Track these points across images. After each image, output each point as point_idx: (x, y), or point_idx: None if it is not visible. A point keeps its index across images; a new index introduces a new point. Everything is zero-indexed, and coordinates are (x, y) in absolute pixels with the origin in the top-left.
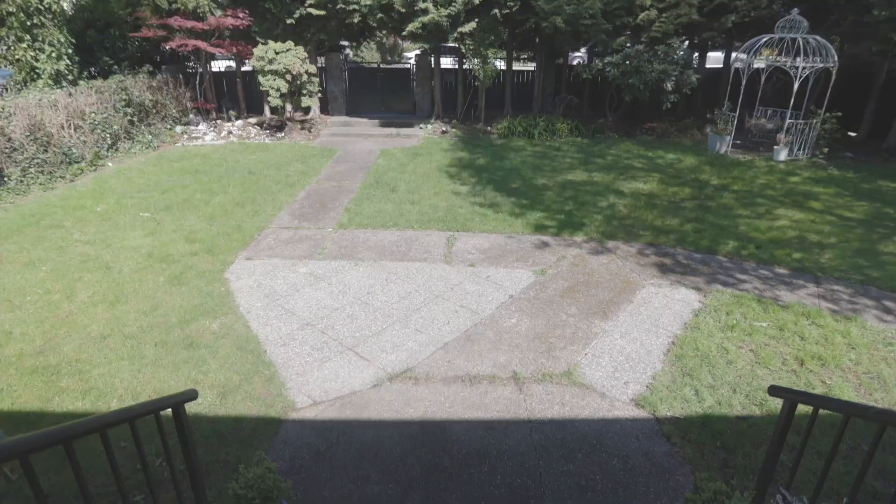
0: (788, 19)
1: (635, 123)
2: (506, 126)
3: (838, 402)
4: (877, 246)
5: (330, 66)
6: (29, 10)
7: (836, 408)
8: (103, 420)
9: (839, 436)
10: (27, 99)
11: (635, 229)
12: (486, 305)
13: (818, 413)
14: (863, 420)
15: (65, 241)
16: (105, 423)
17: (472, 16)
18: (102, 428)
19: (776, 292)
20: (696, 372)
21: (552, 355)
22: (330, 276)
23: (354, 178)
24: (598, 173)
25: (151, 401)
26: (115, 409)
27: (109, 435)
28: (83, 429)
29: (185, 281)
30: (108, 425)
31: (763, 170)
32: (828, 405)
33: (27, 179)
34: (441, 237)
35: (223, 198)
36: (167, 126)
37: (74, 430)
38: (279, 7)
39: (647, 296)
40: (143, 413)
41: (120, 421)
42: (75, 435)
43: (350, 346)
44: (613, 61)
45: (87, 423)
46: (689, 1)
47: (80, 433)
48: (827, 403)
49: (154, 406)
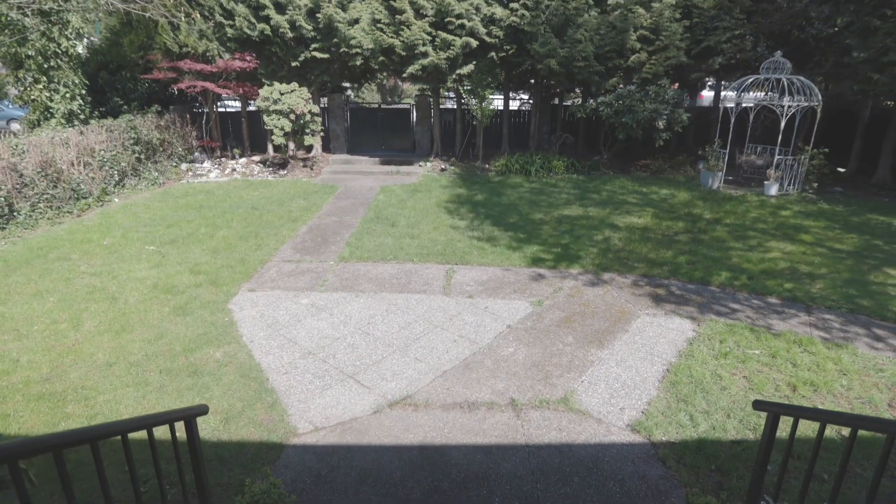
0: (772, 61)
1: (630, 161)
2: (503, 163)
3: (815, 410)
4: (867, 276)
5: (332, 106)
6: (47, 53)
7: (812, 416)
8: (115, 427)
9: (818, 441)
10: (40, 136)
11: (630, 261)
12: (485, 335)
13: (799, 422)
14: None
15: (72, 273)
16: (122, 429)
17: (469, 58)
18: (94, 439)
19: (768, 321)
20: (691, 398)
21: (549, 382)
22: (331, 307)
23: (355, 213)
24: (594, 208)
25: (165, 412)
26: (132, 417)
27: (108, 446)
28: (75, 438)
29: (190, 311)
30: (125, 431)
31: (754, 204)
32: (806, 414)
33: (36, 214)
34: (440, 270)
35: (227, 232)
36: (173, 163)
37: (65, 438)
38: (285, 51)
39: (642, 325)
40: (158, 422)
41: (135, 428)
42: (65, 443)
43: (351, 373)
44: (607, 101)
45: (79, 433)
46: (677, 44)
47: (72, 442)
48: (805, 413)
49: (168, 417)
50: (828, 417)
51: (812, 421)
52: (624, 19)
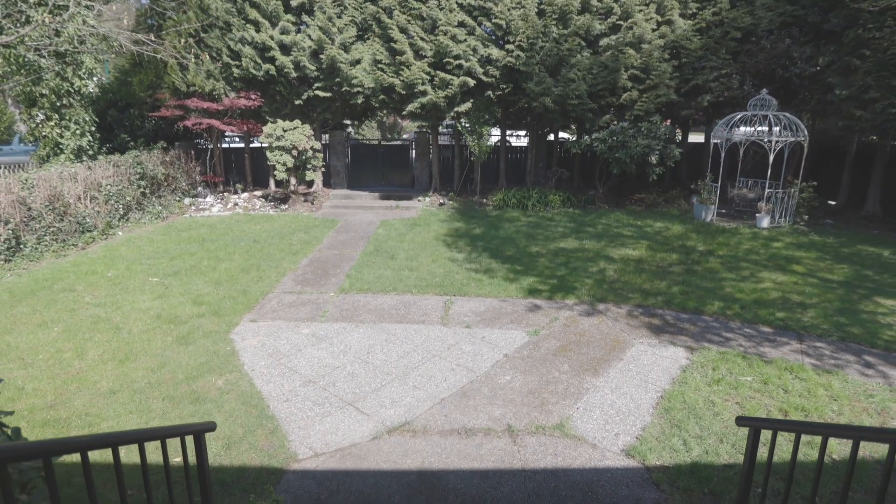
0: (759, 98)
1: (624, 195)
2: (500, 198)
3: (792, 422)
4: (857, 305)
5: (333, 143)
6: (60, 92)
7: (789, 428)
8: (131, 436)
9: (794, 452)
10: (49, 171)
11: (625, 292)
12: (482, 364)
13: (777, 434)
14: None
15: (76, 304)
16: (139, 437)
17: (467, 97)
18: (83, 449)
19: (760, 349)
20: (684, 423)
21: (545, 409)
22: (331, 337)
23: (355, 246)
24: (589, 241)
25: (176, 425)
26: (145, 428)
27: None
28: (63, 447)
29: (192, 341)
30: (142, 440)
31: (747, 236)
32: (784, 427)
33: (41, 247)
34: (438, 301)
35: (229, 264)
36: (176, 198)
37: (52, 446)
38: (289, 90)
39: (637, 353)
40: (169, 435)
41: (149, 438)
42: (53, 451)
43: (350, 401)
44: (600, 137)
45: (68, 442)
46: (667, 83)
47: (60, 451)
48: (784, 426)
49: (178, 430)
50: (803, 428)
51: (790, 433)
52: (615, 59)
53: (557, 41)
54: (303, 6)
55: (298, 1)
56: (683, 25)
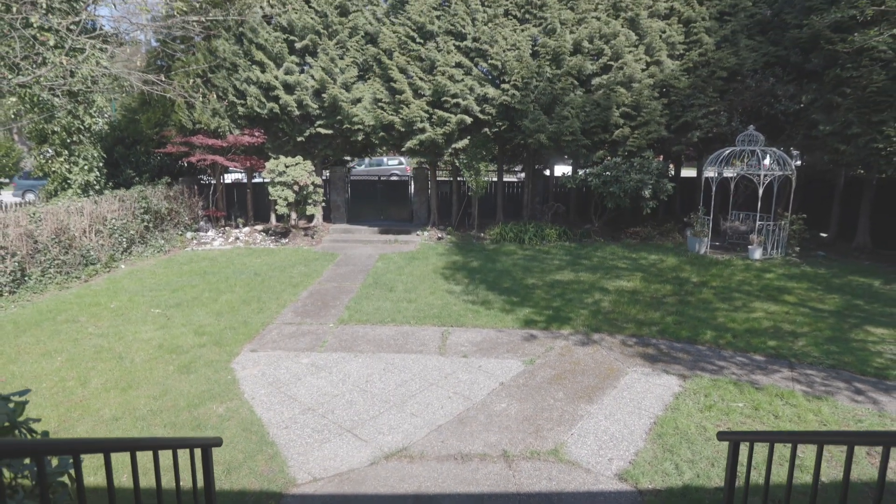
0: (746, 134)
1: (620, 228)
2: (498, 232)
3: (766, 433)
4: (848, 334)
5: (334, 178)
6: (71, 129)
7: (763, 438)
8: (147, 443)
9: (769, 462)
10: (57, 205)
11: (619, 322)
12: (478, 392)
13: (754, 446)
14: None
15: (79, 334)
16: (154, 445)
17: (464, 134)
18: (106, 450)
19: (752, 376)
20: (676, 448)
21: (540, 435)
22: (330, 367)
23: (354, 279)
24: (585, 273)
25: (187, 437)
26: (160, 437)
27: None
28: (86, 446)
29: (194, 370)
30: (156, 448)
31: (740, 268)
32: (759, 438)
33: (45, 279)
34: (436, 332)
35: (230, 296)
36: (179, 232)
37: (77, 444)
38: (291, 127)
39: (630, 381)
40: (180, 445)
41: (162, 447)
42: (78, 449)
43: (349, 428)
44: (594, 172)
45: (92, 442)
46: (658, 120)
47: (85, 449)
48: (758, 437)
49: (188, 442)
50: (775, 437)
51: (765, 443)
52: (607, 98)
53: (551, 80)
54: (307, 48)
55: (302, 43)
56: (671, 66)
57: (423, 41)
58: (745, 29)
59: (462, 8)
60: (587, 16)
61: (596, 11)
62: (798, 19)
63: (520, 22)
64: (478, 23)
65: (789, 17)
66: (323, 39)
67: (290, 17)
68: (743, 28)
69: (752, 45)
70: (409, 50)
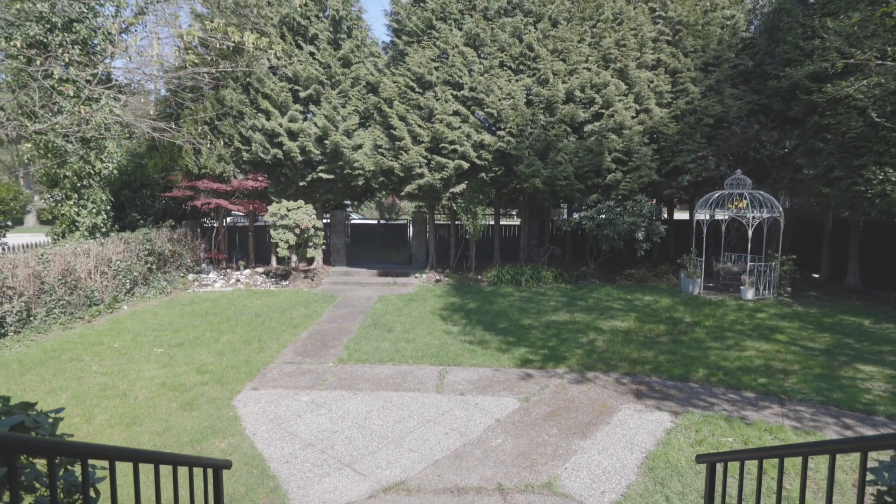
0: (734, 178)
1: (615, 270)
2: (495, 274)
3: (736, 452)
4: (837, 371)
5: (334, 222)
6: (82, 174)
7: (734, 457)
8: (163, 457)
9: (741, 477)
10: (64, 247)
11: (613, 361)
12: (475, 428)
13: (728, 464)
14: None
15: (84, 373)
16: (172, 460)
17: (462, 178)
18: (135, 460)
19: (743, 412)
20: (667, 481)
21: (534, 469)
22: (330, 404)
23: (354, 320)
24: (580, 314)
25: (201, 457)
26: (176, 453)
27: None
28: (94, 451)
29: (196, 406)
30: (175, 463)
31: (732, 308)
32: (730, 457)
33: (50, 319)
34: (433, 371)
35: (231, 336)
36: (181, 274)
37: (84, 449)
38: (294, 172)
39: (623, 417)
40: (196, 463)
41: (180, 463)
42: (117, 456)
43: (348, 462)
44: (588, 215)
45: (121, 451)
46: (648, 165)
47: (119, 457)
48: (731, 456)
49: (203, 461)
50: (743, 455)
51: (738, 461)
52: (599, 144)
53: (545, 128)
54: (310, 97)
55: (307, 92)
56: (660, 113)
57: (422, 90)
58: (729, 79)
59: (459, 60)
60: (578, 67)
61: (587, 63)
62: (778, 70)
63: (514, 73)
64: (474, 73)
65: (770, 68)
66: (326, 89)
67: (295, 68)
68: (727, 78)
69: (736, 93)
70: (408, 99)
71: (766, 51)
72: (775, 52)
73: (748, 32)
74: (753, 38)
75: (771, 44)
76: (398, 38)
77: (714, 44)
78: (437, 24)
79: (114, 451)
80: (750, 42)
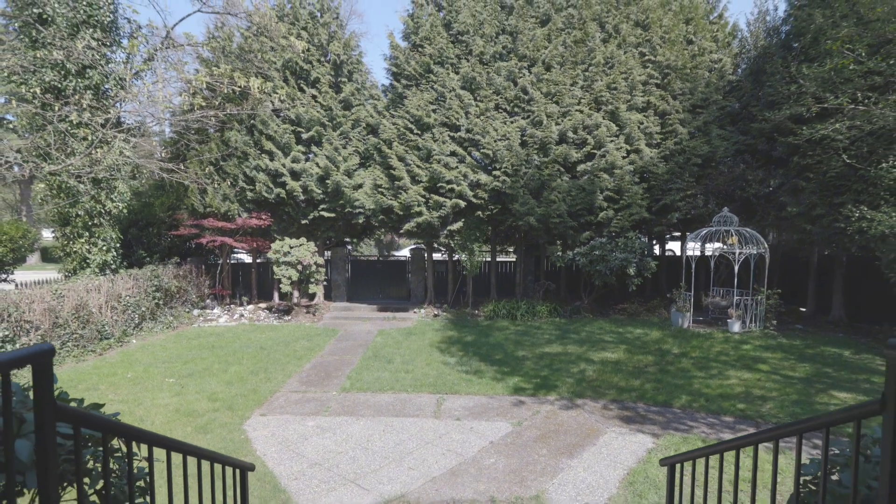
0: (722, 215)
1: (608, 304)
2: (491, 309)
3: (692, 451)
4: (813, 398)
5: (335, 259)
6: (93, 213)
7: (690, 456)
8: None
9: (705, 474)
10: (77, 283)
11: (602, 389)
12: (470, 449)
13: (684, 464)
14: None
15: (100, 400)
16: (210, 456)
17: (459, 216)
18: (169, 448)
19: (720, 434)
20: (645, 493)
21: (524, 484)
22: (334, 428)
23: (355, 352)
24: (573, 346)
25: (229, 456)
26: (207, 449)
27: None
28: (137, 435)
29: (210, 430)
30: (213, 460)
31: (719, 340)
32: (686, 457)
33: (63, 352)
34: (431, 398)
35: (238, 367)
36: (186, 309)
37: (130, 431)
38: (296, 210)
39: (609, 439)
40: (226, 462)
41: (213, 460)
42: (153, 442)
43: (352, 479)
44: (581, 252)
45: (157, 437)
46: (639, 203)
47: (135, 437)
48: (686, 456)
49: (231, 461)
50: (699, 453)
51: (697, 459)
52: (591, 183)
53: (539, 167)
54: (312, 138)
55: (309, 134)
56: (650, 153)
57: (421, 132)
58: (717, 120)
59: (456, 103)
60: (571, 109)
61: (579, 105)
62: (763, 112)
63: (509, 115)
64: (471, 115)
65: (755, 110)
66: (328, 130)
67: (298, 110)
68: (714, 119)
69: (723, 134)
70: (407, 140)
71: (751, 93)
72: (760, 94)
73: (735, 76)
74: (740, 81)
75: (756, 87)
76: (397, 82)
77: (702, 87)
78: (435, 68)
79: (173, 442)
80: (736, 85)
